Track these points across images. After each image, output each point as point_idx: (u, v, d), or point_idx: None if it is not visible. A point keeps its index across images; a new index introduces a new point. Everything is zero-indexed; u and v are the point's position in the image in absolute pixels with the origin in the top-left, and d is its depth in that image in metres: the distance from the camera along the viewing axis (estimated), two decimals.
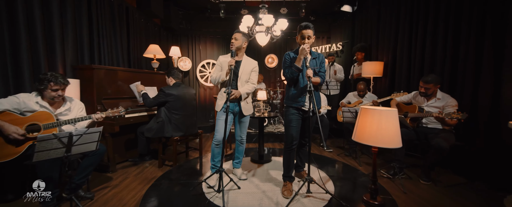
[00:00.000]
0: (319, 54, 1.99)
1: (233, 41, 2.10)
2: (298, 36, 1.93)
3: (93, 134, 1.69)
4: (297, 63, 1.83)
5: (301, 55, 1.80)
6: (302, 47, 1.79)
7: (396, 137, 1.53)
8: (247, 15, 2.89)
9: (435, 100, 2.35)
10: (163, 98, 2.54)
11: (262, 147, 2.79)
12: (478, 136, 2.31)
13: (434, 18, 2.80)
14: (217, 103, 2.21)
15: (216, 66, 2.22)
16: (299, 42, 1.94)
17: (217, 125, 2.16)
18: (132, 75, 2.97)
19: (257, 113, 2.70)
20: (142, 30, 4.01)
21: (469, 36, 2.40)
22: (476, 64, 2.34)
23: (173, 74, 2.71)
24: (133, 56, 3.66)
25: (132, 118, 2.65)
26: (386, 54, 3.73)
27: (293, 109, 1.92)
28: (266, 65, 5.93)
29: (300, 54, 1.81)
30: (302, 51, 1.79)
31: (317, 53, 2.00)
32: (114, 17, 3.19)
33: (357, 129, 1.68)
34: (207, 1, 4.82)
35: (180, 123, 2.60)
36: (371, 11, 4.12)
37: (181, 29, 5.48)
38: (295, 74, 1.85)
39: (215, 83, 2.14)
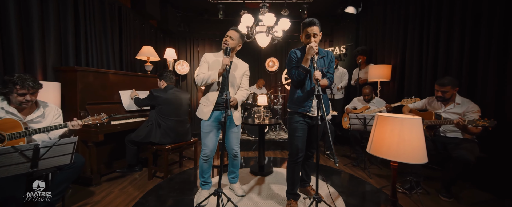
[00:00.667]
0: (327, 52, 1.77)
1: (228, 40, 1.83)
2: (302, 35, 1.71)
3: (66, 145, 1.45)
4: (304, 63, 1.61)
5: (308, 54, 1.58)
6: (310, 45, 1.57)
7: (421, 151, 1.29)
8: (246, 14, 2.69)
9: (454, 105, 2.12)
10: (150, 100, 2.36)
11: (262, 157, 2.54)
12: (505, 147, 2.06)
13: (448, 17, 2.59)
14: (202, 110, 1.87)
15: (202, 64, 1.89)
16: (303, 42, 1.72)
17: (205, 137, 1.87)
18: (123, 79, 2.75)
19: (257, 120, 2.46)
20: (137, 31, 3.82)
21: (490, 36, 2.18)
22: (499, 66, 2.11)
23: (165, 77, 2.51)
24: (126, 59, 3.45)
25: (120, 125, 2.41)
26: (394, 57, 3.52)
27: (298, 116, 1.69)
28: (266, 69, 5.72)
29: (307, 53, 1.59)
30: (309, 50, 1.57)
31: (326, 51, 1.77)
32: (105, 17, 2.99)
33: (374, 140, 1.44)
34: (206, 3, 4.65)
35: (169, 129, 2.37)
36: (376, 12, 3.93)
37: (179, 31, 5.30)
38: (303, 76, 1.63)
39: (202, 83, 1.81)
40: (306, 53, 1.60)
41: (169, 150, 2.36)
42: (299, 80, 1.64)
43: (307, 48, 1.59)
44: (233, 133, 1.96)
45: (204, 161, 1.91)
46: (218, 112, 1.87)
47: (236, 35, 1.88)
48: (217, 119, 1.88)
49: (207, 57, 1.90)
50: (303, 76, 1.63)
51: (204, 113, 1.87)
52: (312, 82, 1.67)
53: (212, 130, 1.88)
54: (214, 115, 1.86)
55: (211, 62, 1.88)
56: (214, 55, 1.92)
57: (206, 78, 1.78)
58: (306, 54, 1.60)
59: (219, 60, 1.87)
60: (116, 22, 3.24)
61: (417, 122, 1.30)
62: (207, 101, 1.88)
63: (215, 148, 1.93)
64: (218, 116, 1.87)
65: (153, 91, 2.37)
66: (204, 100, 1.91)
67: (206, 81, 1.78)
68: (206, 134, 1.87)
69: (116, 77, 2.66)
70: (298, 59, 1.72)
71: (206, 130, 1.87)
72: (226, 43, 1.83)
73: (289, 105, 1.77)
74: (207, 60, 1.89)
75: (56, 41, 2.29)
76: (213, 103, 1.85)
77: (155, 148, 2.39)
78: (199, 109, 1.92)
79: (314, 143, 1.80)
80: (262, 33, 2.89)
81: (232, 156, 2.02)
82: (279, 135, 4.08)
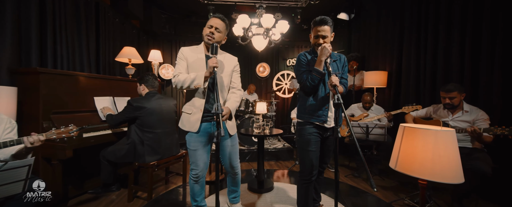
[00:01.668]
0: (340, 55, 1.59)
1: (214, 33, 1.47)
2: (311, 35, 1.53)
3: (18, 169, 1.10)
4: (317, 66, 1.42)
5: (322, 55, 1.39)
6: (323, 45, 1.39)
7: (459, 169, 1.13)
8: (242, 15, 2.48)
9: (462, 113, 2.04)
10: (131, 113, 1.94)
11: (262, 172, 2.28)
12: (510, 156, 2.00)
13: (447, 20, 2.56)
14: (189, 120, 1.48)
15: (180, 62, 1.50)
16: (312, 42, 1.53)
17: (194, 155, 1.52)
18: (99, 83, 2.38)
19: (256, 130, 2.21)
20: (117, 31, 3.44)
21: (494, 38, 2.14)
22: (505, 71, 2.06)
23: (147, 81, 2.14)
24: (104, 61, 3.06)
25: (93, 138, 2.03)
26: (390, 63, 3.49)
27: (312, 127, 1.47)
28: (257, 74, 5.53)
29: (320, 54, 1.40)
30: (323, 51, 1.39)
31: (338, 54, 1.59)
32: (79, 13, 2.62)
33: (401, 155, 1.26)
34: (194, 4, 4.39)
35: (156, 144, 2.03)
36: (369, 18, 3.93)
37: (164, 33, 4.96)
38: (317, 80, 1.42)
39: (182, 88, 1.44)
40: (319, 54, 1.42)
41: (155, 166, 2.03)
42: (313, 86, 1.44)
43: (320, 49, 1.41)
44: (230, 147, 1.60)
45: (195, 183, 1.57)
46: (206, 123, 1.51)
47: (223, 25, 1.51)
48: (206, 133, 1.52)
49: (184, 52, 1.52)
50: (317, 81, 1.43)
51: (191, 123, 1.49)
52: (326, 87, 1.48)
53: (202, 146, 1.52)
54: (202, 127, 1.50)
55: (192, 61, 1.51)
56: (192, 51, 1.53)
57: (187, 82, 1.41)
58: (319, 56, 1.41)
59: (201, 58, 1.51)
60: (93, 20, 2.86)
61: (452, 135, 1.15)
62: (192, 108, 1.50)
63: (207, 166, 1.60)
64: (207, 128, 1.52)
65: (132, 102, 1.96)
66: (188, 107, 1.53)
67: (187, 85, 1.42)
68: (194, 151, 1.51)
69: (91, 81, 2.29)
70: (308, 61, 1.52)
71: (194, 147, 1.50)
72: (211, 37, 1.47)
73: (300, 114, 1.55)
74: (185, 56, 1.51)
75: (14, 38, 1.89)
76: (201, 110, 1.49)
77: (137, 165, 2.04)
78: (183, 119, 1.53)
79: (326, 157, 1.59)
80: (259, 35, 2.69)
81: (231, 174, 1.69)
82: (273, 144, 3.85)
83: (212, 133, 1.53)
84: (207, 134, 1.53)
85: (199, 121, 1.48)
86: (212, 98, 1.53)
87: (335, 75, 1.35)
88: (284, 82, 5.59)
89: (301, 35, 5.43)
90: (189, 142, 1.53)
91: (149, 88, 2.14)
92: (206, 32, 1.49)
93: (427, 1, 2.81)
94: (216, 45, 1.39)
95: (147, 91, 2.13)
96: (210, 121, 1.52)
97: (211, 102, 1.52)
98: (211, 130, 1.53)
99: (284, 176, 2.81)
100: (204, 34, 1.51)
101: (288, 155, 3.56)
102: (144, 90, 2.15)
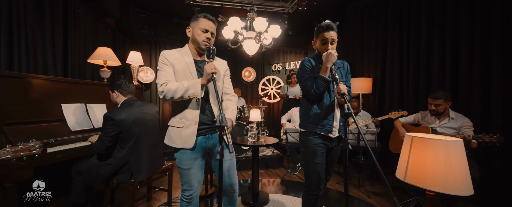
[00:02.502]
0: (343, 62, 1.54)
1: (210, 37, 1.34)
2: (317, 40, 1.46)
3: None
4: (323, 73, 1.34)
5: (328, 62, 1.33)
6: (329, 51, 1.33)
7: (469, 180, 1.12)
8: (233, 17, 2.35)
9: (449, 120, 2.13)
10: (112, 129, 1.60)
11: (256, 183, 2.14)
12: (493, 160, 2.13)
13: (427, 28, 2.70)
14: (180, 135, 1.28)
15: (164, 68, 1.29)
16: (318, 49, 1.47)
17: (187, 174, 1.31)
18: (68, 87, 2.06)
19: (251, 140, 2.07)
20: (89, 30, 3.08)
21: (471, 47, 2.26)
22: (484, 76, 2.19)
23: (120, 87, 1.78)
24: (74, 63, 2.69)
25: (61, 153, 1.72)
26: (374, 70, 3.61)
27: (317, 137, 1.39)
28: (243, 79, 5.40)
29: (326, 61, 1.33)
30: (329, 57, 1.32)
31: (341, 61, 1.55)
32: (43, 8, 2.27)
33: (410, 166, 1.23)
34: (177, 5, 4.16)
35: (141, 161, 1.75)
36: (354, 26, 4.05)
37: (143, 34, 4.62)
38: (322, 88, 1.35)
39: (174, 99, 1.24)
40: (324, 61, 1.35)
41: (137, 184, 1.77)
42: (317, 93, 1.36)
43: (326, 55, 1.34)
44: (229, 162, 1.39)
45: (188, 203, 1.36)
46: (201, 137, 1.33)
47: (213, 26, 1.36)
48: (202, 148, 1.33)
49: (169, 57, 1.30)
50: (323, 89, 1.35)
51: (183, 139, 1.27)
52: (331, 95, 1.41)
53: (196, 163, 1.32)
54: (197, 142, 1.31)
55: (179, 67, 1.31)
56: (178, 55, 1.33)
57: (179, 92, 1.22)
58: (325, 62, 1.34)
59: (190, 63, 1.32)
60: (60, 16, 2.51)
61: (461, 145, 1.13)
62: (184, 121, 1.29)
63: (201, 184, 1.41)
64: (203, 142, 1.33)
65: (112, 115, 1.60)
66: (178, 119, 1.31)
67: (179, 96, 1.22)
68: (187, 171, 1.30)
69: (57, 86, 1.97)
70: (313, 68, 1.45)
71: (187, 165, 1.30)
72: (208, 43, 1.33)
73: (303, 123, 1.46)
74: (170, 62, 1.30)
75: None
76: (195, 122, 1.29)
77: (116, 182, 1.77)
78: (172, 134, 1.31)
79: (330, 168, 1.51)
80: (251, 39, 2.58)
81: (230, 193, 1.47)
82: (262, 151, 3.73)
83: (207, 147, 1.36)
84: (203, 149, 1.35)
85: (195, 135, 1.28)
86: (208, 108, 1.36)
87: (343, 83, 1.28)
88: (270, 87, 5.54)
89: (287, 40, 5.45)
90: (180, 161, 1.31)
91: (125, 95, 1.80)
92: (202, 37, 1.33)
93: (409, 9, 2.95)
94: (213, 49, 1.23)
95: (123, 98, 1.80)
96: (205, 134, 1.35)
97: (207, 113, 1.35)
98: (206, 145, 1.35)
99: (277, 186, 2.70)
100: (199, 38, 1.33)
101: (278, 162, 3.47)
102: (118, 98, 1.81)
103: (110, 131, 1.61)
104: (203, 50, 1.35)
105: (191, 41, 1.38)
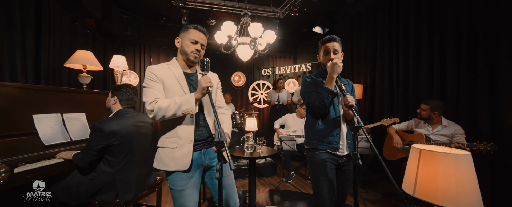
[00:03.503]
0: (347, 80, 1.49)
1: (200, 49, 1.25)
2: (320, 53, 1.43)
3: None
4: (328, 84, 1.28)
5: (333, 72, 1.27)
6: (334, 61, 1.27)
7: (479, 195, 1.11)
8: (227, 22, 2.25)
9: (442, 128, 2.18)
10: (101, 141, 1.42)
11: (253, 197, 2.02)
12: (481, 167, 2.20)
13: (416, 36, 2.78)
14: (173, 156, 1.16)
15: (153, 85, 1.18)
16: (322, 62, 1.42)
17: (182, 196, 1.18)
18: (40, 96, 1.83)
19: (248, 151, 1.97)
20: (66, 31, 2.82)
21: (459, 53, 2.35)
22: (471, 83, 2.27)
23: (122, 95, 1.63)
24: (48, 67, 2.43)
25: (31, 173, 1.49)
26: (364, 76, 3.67)
27: (324, 152, 1.32)
28: (232, 84, 5.29)
29: (331, 71, 1.27)
30: (334, 67, 1.26)
31: (346, 79, 1.49)
32: (12, 6, 2.02)
33: (419, 181, 1.20)
34: (164, 6, 3.97)
35: (130, 178, 1.55)
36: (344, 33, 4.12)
37: (126, 36, 4.36)
38: (328, 101, 1.28)
39: (161, 117, 1.13)
40: (329, 71, 1.29)
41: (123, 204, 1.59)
42: (322, 106, 1.29)
43: (331, 65, 1.28)
44: (227, 180, 1.29)
45: None
46: (195, 153, 1.22)
47: (206, 40, 1.29)
48: (197, 165, 1.22)
49: (157, 72, 1.19)
50: (329, 101, 1.29)
51: (177, 160, 1.16)
52: (336, 110, 1.35)
53: (191, 183, 1.20)
54: (193, 159, 1.20)
55: (169, 82, 1.20)
56: (166, 69, 1.23)
57: (171, 109, 1.11)
58: (330, 73, 1.28)
59: (179, 76, 1.23)
60: (32, 15, 2.26)
61: (470, 159, 1.12)
62: (177, 140, 1.17)
63: (197, 205, 1.28)
64: (198, 159, 1.22)
65: (102, 125, 1.41)
66: (170, 139, 1.19)
67: (171, 114, 1.12)
68: (181, 192, 1.18)
69: (28, 94, 1.74)
70: (316, 82, 1.39)
71: (181, 187, 1.17)
72: (198, 55, 1.24)
73: (308, 140, 1.39)
74: (159, 77, 1.19)
75: None
76: (190, 140, 1.18)
77: (98, 203, 1.57)
78: (163, 156, 1.18)
79: (344, 190, 1.40)
80: (245, 45, 2.49)
81: None
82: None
83: (203, 163, 1.25)
84: (198, 166, 1.23)
85: (190, 155, 1.17)
86: (203, 123, 1.26)
87: (350, 94, 1.23)
88: (260, 92, 5.47)
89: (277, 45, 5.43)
90: (173, 182, 1.18)
91: (123, 105, 1.64)
92: (191, 49, 1.23)
93: (398, 16, 3.04)
94: (207, 61, 1.13)
95: (119, 107, 1.63)
96: (200, 149, 1.24)
97: (202, 129, 1.25)
98: (202, 160, 1.24)
99: (272, 197, 2.60)
100: (188, 49, 1.23)
101: (271, 170, 3.38)
102: (115, 104, 1.63)
103: (97, 144, 1.42)
104: (191, 61, 1.26)
105: (180, 52, 1.28)
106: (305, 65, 5.09)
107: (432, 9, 2.63)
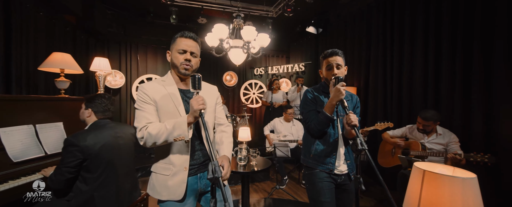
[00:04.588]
0: (352, 95, 1.39)
1: (191, 59, 1.09)
2: (323, 68, 1.34)
3: None
4: (327, 109, 1.19)
5: (334, 99, 1.16)
6: (337, 87, 1.14)
7: None
8: (219, 24, 2.10)
9: (436, 136, 2.15)
10: (76, 157, 1.29)
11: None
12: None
13: (410, 37, 2.73)
14: (165, 185, 1.06)
15: (145, 107, 1.06)
16: (325, 77, 1.32)
17: None
18: (10, 106, 1.64)
19: (241, 163, 1.86)
20: (41, 29, 2.57)
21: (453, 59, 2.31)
22: (465, 89, 2.25)
23: (97, 106, 1.50)
24: (19, 71, 2.21)
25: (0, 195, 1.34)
26: (357, 79, 3.63)
27: (321, 171, 1.24)
28: (224, 84, 5.14)
29: (333, 97, 1.16)
30: (336, 94, 1.14)
31: (350, 94, 1.38)
32: None
33: (423, 204, 1.14)
34: (150, 2, 3.74)
35: (109, 195, 1.44)
36: (337, 34, 4.05)
37: (111, 33, 4.10)
38: (325, 127, 1.21)
39: (152, 144, 1.01)
40: (331, 97, 1.18)
41: None
42: (319, 131, 1.22)
43: (334, 91, 1.15)
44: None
45: None
46: (190, 178, 1.10)
47: (198, 47, 1.13)
48: (192, 190, 1.10)
49: (149, 91, 1.06)
50: (326, 127, 1.21)
51: (170, 189, 1.05)
52: (336, 131, 1.26)
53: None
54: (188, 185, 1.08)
55: (165, 103, 1.07)
56: (158, 86, 1.09)
57: (162, 136, 0.98)
58: (331, 99, 1.18)
59: (173, 93, 1.09)
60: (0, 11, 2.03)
61: (476, 183, 1.07)
62: (171, 167, 1.06)
63: None
64: (193, 184, 1.11)
65: (74, 140, 1.29)
66: (163, 165, 1.08)
67: (163, 140, 0.99)
68: None
69: None
70: (316, 100, 1.30)
71: None
72: (189, 65, 1.08)
73: (304, 158, 1.31)
74: (152, 98, 1.06)
75: None
76: (185, 168, 1.07)
77: None
78: (156, 183, 1.08)
79: None
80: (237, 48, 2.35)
81: None
82: None
83: (198, 189, 1.14)
84: (193, 192, 1.12)
85: (184, 184, 1.05)
86: (199, 148, 1.13)
87: (354, 114, 1.13)
88: (252, 91, 5.35)
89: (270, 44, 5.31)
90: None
91: (99, 116, 1.51)
92: (180, 60, 1.08)
93: (392, 18, 2.98)
94: (198, 77, 0.98)
95: (94, 119, 1.50)
96: (196, 173, 1.12)
97: (198, 153, 1.12)
98: (198, 186, 1.13)
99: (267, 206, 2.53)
100: (177, 62, 1.08)
101: (264, 175, 3.30)
102: (89, 117, 1.50)
103: (71, 161, 1.29)
104: (183, 74, 1.12)
105: (171, 66, 1.15)
106: (298, 64, 5.00)
107: (427, 12, 2.58)
